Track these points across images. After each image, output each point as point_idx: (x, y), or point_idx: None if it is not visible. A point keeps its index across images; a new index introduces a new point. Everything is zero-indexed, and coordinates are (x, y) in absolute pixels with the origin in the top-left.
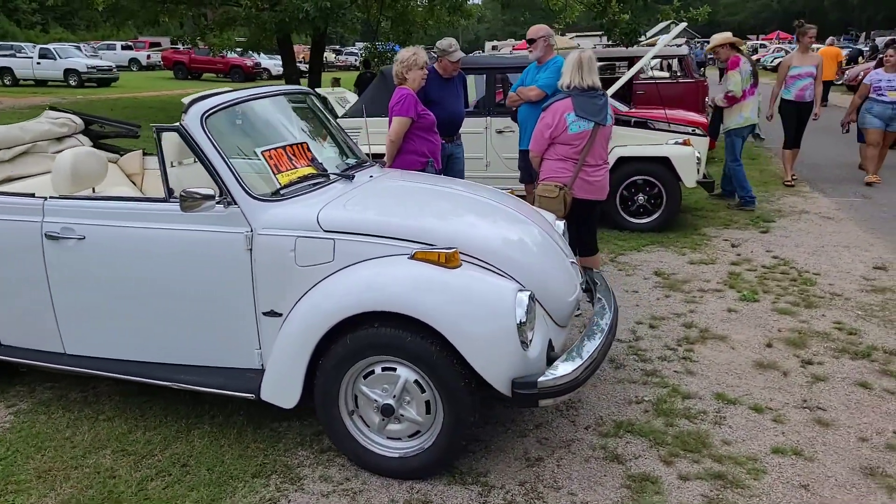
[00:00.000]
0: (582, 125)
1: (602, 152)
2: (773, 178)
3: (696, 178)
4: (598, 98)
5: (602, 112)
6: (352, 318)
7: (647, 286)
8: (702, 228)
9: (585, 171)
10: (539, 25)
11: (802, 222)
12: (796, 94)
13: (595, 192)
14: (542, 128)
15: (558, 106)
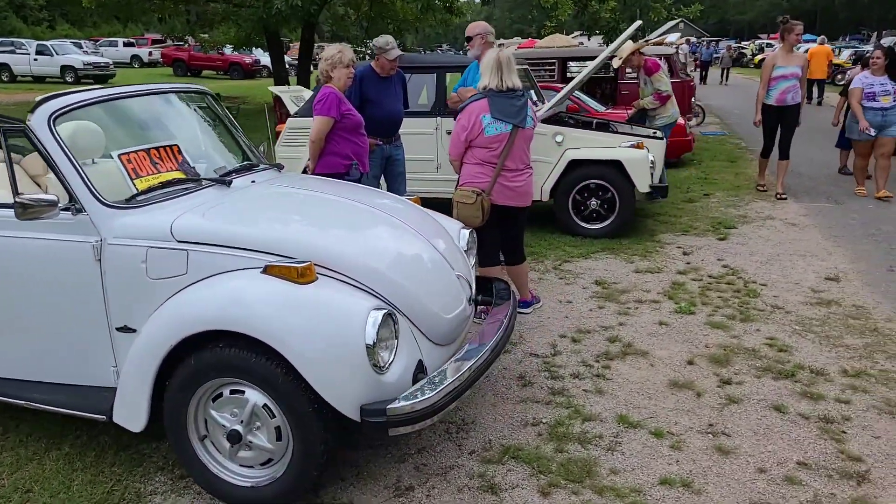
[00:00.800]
0: (499, 127)
1: (523, 156)
2: (748, 182)
3: (650, 183)
4: (516, 99)
5: (521, 114)
6: (199, 336)
7: (583, 296)
8: (658, 234)
9: (505, 177)
10: (476, 22)
11: (765, 229)
12: (777, 97)
13: (516, 199)
14: (458, 130)
15: (473, 107)
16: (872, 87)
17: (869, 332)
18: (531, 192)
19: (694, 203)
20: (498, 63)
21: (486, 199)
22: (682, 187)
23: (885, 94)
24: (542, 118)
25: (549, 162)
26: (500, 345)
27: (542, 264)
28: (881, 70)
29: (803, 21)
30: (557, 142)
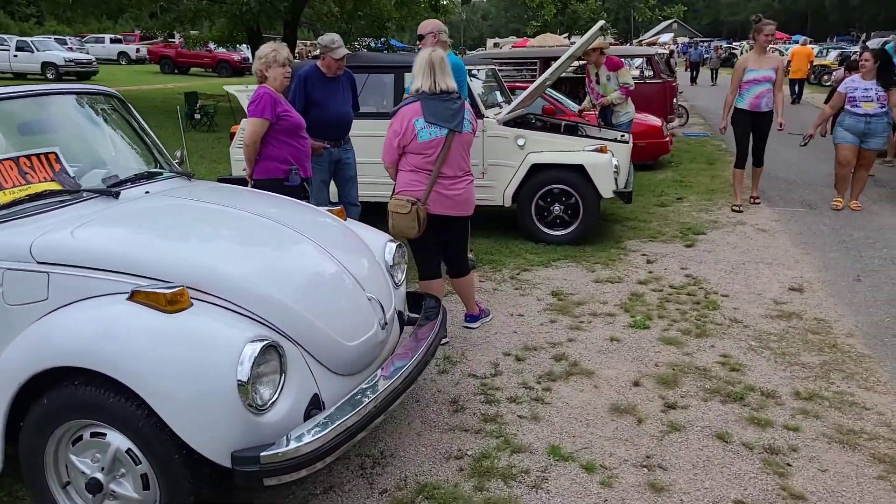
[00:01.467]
0: (433, 132)
1: (462, 162)
2: (723, 186)
3: (614, 188)
4: (451, 102)
5: (457, 117)
6: (55, 370)
7: (536, 309)
8: (624, 241)
9: (441, 184)
10: (428, 20)
11: (734, 235)
12: (750, 101)
13: (455, 207)
14: (391, 135)
15: (406, 111)
16: (855, 91)
17: (827, 349)
18: (472, 200)
19: (666, 207)
20: (430, 64)
21: (423, 208)
22: (656, 191)
23: (867, 99)
24: (503, 120)
25: (510, 166)
26: (414, 373)
27: (500, 273)
28: (871, 74)
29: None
30: (519, 145)
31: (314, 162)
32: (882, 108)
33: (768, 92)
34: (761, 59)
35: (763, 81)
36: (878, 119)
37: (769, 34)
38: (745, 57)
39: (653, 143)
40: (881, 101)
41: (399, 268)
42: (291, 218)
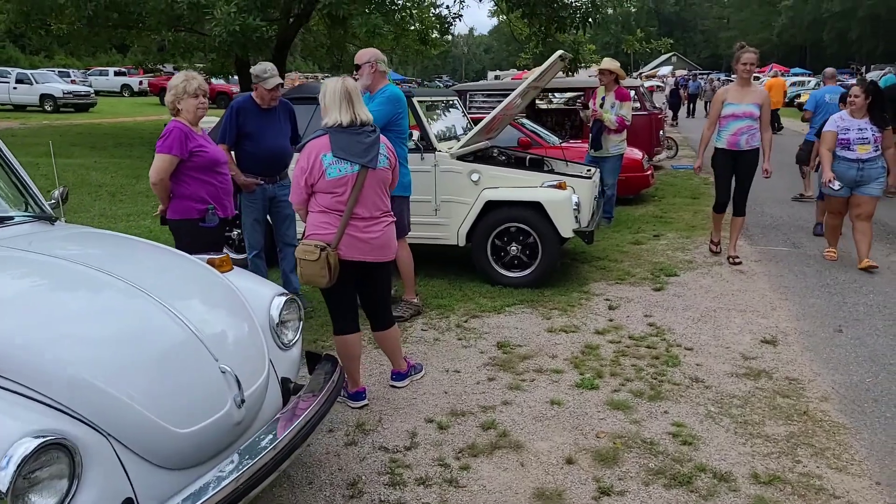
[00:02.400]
0: (343, 168)
1: (378, 202)
2: (704, 221)
3: (574, 227)
4: (364, 135)
5: (370, 152)
6: None
7: (476, 364)
8: (589, 283)
9: (355, 226)
10: (365, 49)
11: (709, 277)
12: (728, 139)
13: (371, 252)
14: (297, 173)
15: (312, 146)
16: (848, 132)
17: (797, 417)
18: (392, 244)
19: (640, 245)
20: (346, 94)
21: (333, 254)
22: (633, 227)
23: (863, 142)
24: (457, 154)
25: (464, 203)
26: (272, 463)
27: (447, 320)
28: (861, 111)
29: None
30: (473, 180)
31: (247, 199)
32: (877, 152)
33: (749, 129)
34: (743, 93)
35: (743, 117)
36: (872, 164)
37: (746, 63)
38: (725, 89)
39: (633, 176)
40: (876, 144)
41: (290, 326)
42: (141, 270)
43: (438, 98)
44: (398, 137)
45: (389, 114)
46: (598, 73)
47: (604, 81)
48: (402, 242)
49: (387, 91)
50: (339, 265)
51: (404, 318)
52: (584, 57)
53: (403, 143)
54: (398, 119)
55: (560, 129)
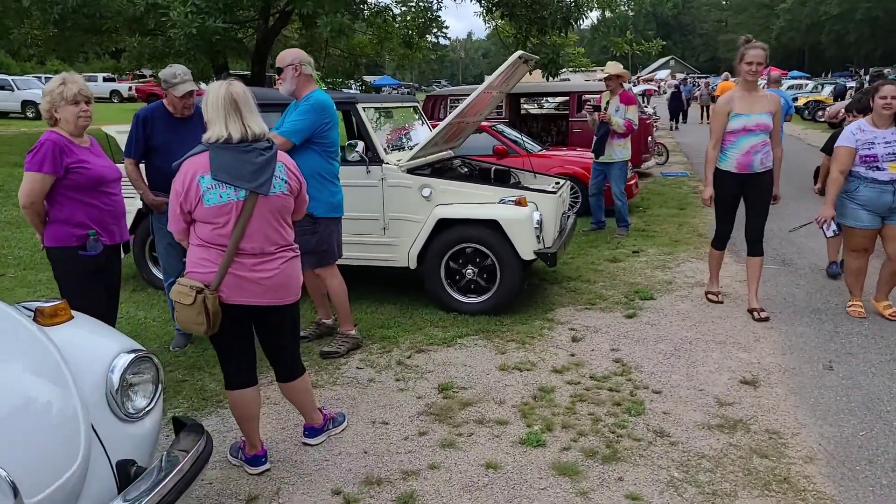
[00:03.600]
0: (224, 194)
1: (273, 234)
2: (689, 236)
3: (536, 248)
4: (255, 154)
5: (261, 174)
6: None
7: (409, 412)
8: (555, 309)
9: (241, 264)
10: (288, 50)
11: (688, 301)
12: (739, 160)
13: (263, 295)
14: (172, 198)
15: (189, 165)
16: (873, 145)
17: (775, 485)
18: (294, 282)
19: (617, 263)
20: (229, 101)
21: (213, 297)
22: (612, 242)
23: (895, 157)
24: (406, 167)
25: (415, 221)
26: None
27: (388, 356)
28: (890, 119)
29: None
30: (424, 196)
31: (158, 222)
32: None
33: (764, 146)
34: (751, 100)
35: (756, 131)
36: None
37: (753, 61)
38: (728, 97)
39: None
40: None
41: (139, 391)
42: None
43: (392, 104)
44: (326, 151)
45: (313, 124)
46: (604, 77)
47: (610, 86)
48: (332, 270)
49: (311, 98)
50: (220, 311)
51: (340, 354)
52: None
53: (332, 158)
54: (325, 130)
55: (546, 135)
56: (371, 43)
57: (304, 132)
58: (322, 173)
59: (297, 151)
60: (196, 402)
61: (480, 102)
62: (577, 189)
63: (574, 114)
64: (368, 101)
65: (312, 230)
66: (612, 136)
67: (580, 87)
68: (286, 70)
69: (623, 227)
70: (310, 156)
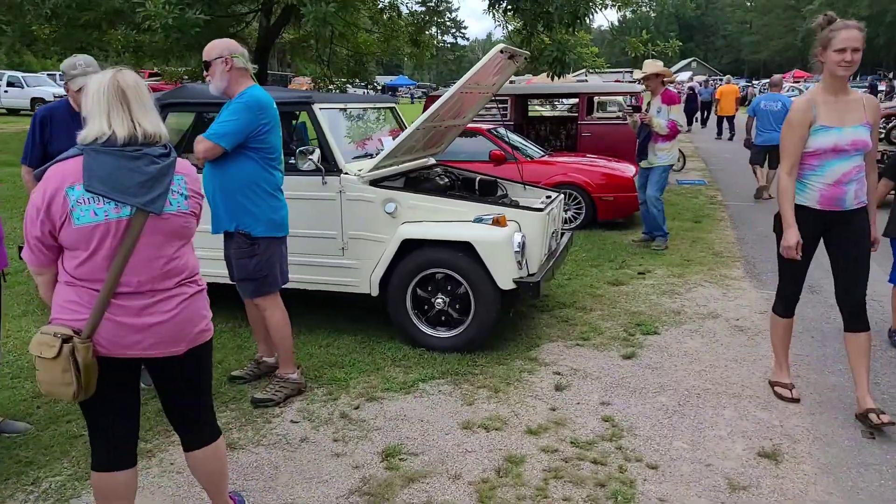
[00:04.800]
0: (101, 211)
1: (168, 265)
2: (703, 255)
3: (517, 276)
4: (145, 160)
5: (153, 187)
6: None
7: (337, 490)
8: (541, 345)
9: (122, 307)
10: (216, 41)
11: (698, 337)
12: (826, 193)
13: (155, 345)
14: (29, 216)
15: (54, 173)
16: None
17: None
18: (196, 326)
19: (620, 287)
20: (115, 92)
21: (84, 348)
22: (617, 260)
23: None
24: (369, 178)
25: (378, 240)
26: None
27: (332, 404)
28: None
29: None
30: (388, 212)
31: None
32: None
33: (859, 171)
34: (843, 106)
35: (850, 152)
36: None
37: (846, 47)
38: (808, 101)
39: (622, 197)
40: None
41: None
42: None
43: (360, 105)
44: (265, 159)
45: (247, 125)
46: (643, 78)
47: (650, 86)
48: (274, 300)
49: (245, 95)
50: (95, 365)
51: (275, 402)
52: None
53: (273, 167)
54: (262, 133)
55: (555, 139)
56: (377, 41)
57: (235, 135)
58: (260, 184)
59: (229, 159)
60: (78, 469)
61: (467, 103)
62: (580, 200)
63: (584, 117)
64: (327, 101)
65: (250, 252)
66: (654, 138)
67: (591, 89)
68: (214, 64)
69: (661, 236)
70: (245, 164)
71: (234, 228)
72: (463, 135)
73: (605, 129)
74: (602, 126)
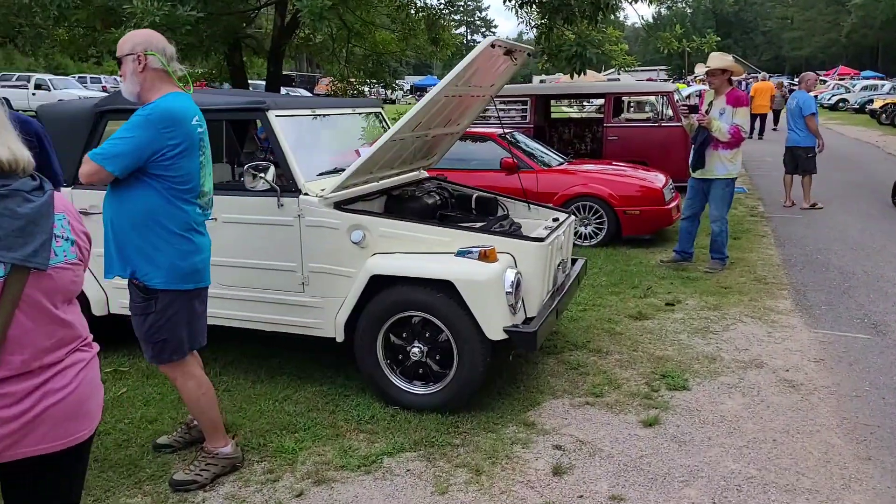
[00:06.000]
0: None
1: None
2: (744, 281)
3: (508, 324)
4: (15, 198)
5: (33, 234)
6: None
7: None
8: (542, 402)
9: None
10: (131, 33)
11: (738, 395)
12: None
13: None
14: None
15: None
16: None
17: None
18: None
19: (643, 321)
20: None
21: None
22: (641, 286)
23: None
24: (334, 198)
25: (344, 275)
26: None
27: (271, 487)
28: None
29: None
30: (355, 241)
31: None
32: None
33: None
34: None
35: None
36: None
37: None
38: None
39: (649, 211)
40: None
41: None
42: None
43: (330, 111)
44: (172, 189)
45: (143, 145)
46: (706, 73)
47: (714, 83)
48: (182, 368)
49: (150, 107)
50: None
51: (198, 484)
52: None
53: (185, 200)
54: (168, 156)
55: (580, 143)
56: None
57: (128, 157)
58: (162, 221)
59: (126, 187)
60: None
61: (463, 107)
62: (602, 213)
63: (610, 119)
64: (288, 108)
65: (144, 309)
66: (713, 145)
67: (618, 88)
68: (124, 63)
69: (717, 259)
70: (145, 195)
71: (128, 276)
72: (472, 141)
73: (634, 133)
74: (630, 129)
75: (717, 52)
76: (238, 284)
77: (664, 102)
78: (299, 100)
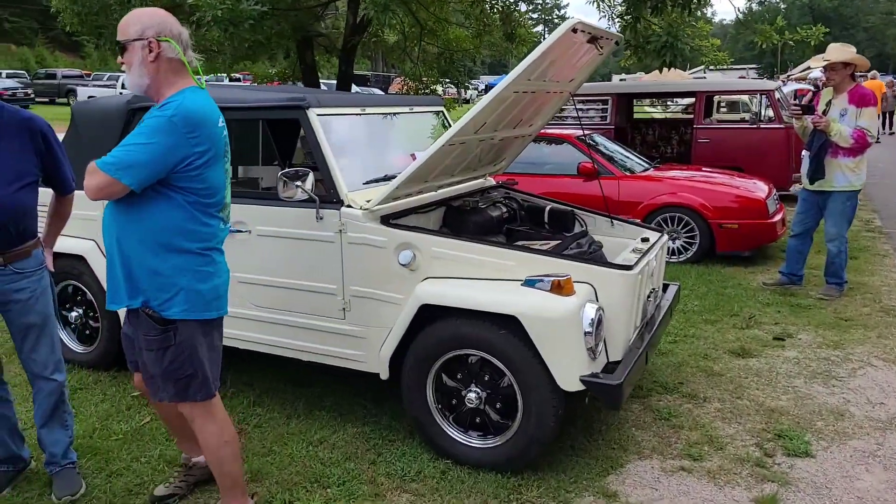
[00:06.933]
0: None
1: None
2: (865, 313)
3: (585, 372)
4: None
5: None
6: None
7: None
8: (626, 465)
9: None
10: (135, 11)
11: (879, 466)
12: None
13: None
14: None
15: None
16: None
17: None
18: None
19: (747, 359)
20: None
21: None
22: (741, 315)
23: None
24: (382, 210)
25: (389, 301)
26: None
27: None
28: None
29: None
30: (403, 263)
31: None
32: None
33: None
34: None
35: None
36: None
37: None
38: None
39: (748, 224)
40: None
41: None
42: None
43: (386, 110)
44: (197, 204)
45: (166, 153)
46: (826, 67)
47: (833, 79)
48: (208, 408)
49: (169, 106)
50: None
51: None
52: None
53: (210, 215)
54: (193, 167)
55: (666, 145)
56: (469, 37)
57: (148, 168)
58: (184, 240)
59: (142, 201)
60: None
61: (538, 105)
62: (693, 226)
63: (700, 120)
64: (331, 105)
65: (162, 343)
66: (832, 151)
67: (710, 86)
68: (130, 49)
69: (834, 284)
70: (164, 210)
71: (140, 305)
72: (547, 143)
73: (728, 135)
74: (724, 131)
75: (838, 44)
76: (273, 306)
77: (764, 102)
78: (346, 96)
